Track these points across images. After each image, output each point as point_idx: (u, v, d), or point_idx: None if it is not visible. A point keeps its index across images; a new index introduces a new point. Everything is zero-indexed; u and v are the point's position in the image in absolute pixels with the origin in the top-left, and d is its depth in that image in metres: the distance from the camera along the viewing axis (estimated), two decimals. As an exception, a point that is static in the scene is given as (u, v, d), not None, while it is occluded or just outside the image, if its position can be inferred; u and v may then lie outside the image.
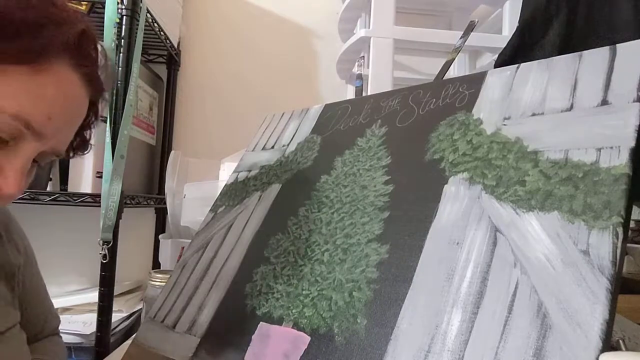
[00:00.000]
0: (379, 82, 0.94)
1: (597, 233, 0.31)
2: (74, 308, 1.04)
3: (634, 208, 0.34)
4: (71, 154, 0.48)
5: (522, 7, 0.68)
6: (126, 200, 0.96)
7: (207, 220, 0.63)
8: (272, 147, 0.65)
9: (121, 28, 0.94)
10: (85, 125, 0.46)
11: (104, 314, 0.89)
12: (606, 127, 0.35)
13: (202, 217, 0.64)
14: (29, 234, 0.58)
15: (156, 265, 1.28)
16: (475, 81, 0.47)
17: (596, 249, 0.31)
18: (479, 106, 0.45)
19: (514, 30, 0.67)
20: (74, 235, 1.23)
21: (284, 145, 0.63)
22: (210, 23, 1.41)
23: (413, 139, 0.48)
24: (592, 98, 0.37)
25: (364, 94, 1.10)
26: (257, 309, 0.47)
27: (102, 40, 0.93)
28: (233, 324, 0.47)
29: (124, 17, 0.94)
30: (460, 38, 0.62)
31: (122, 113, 0.93)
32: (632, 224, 0.72)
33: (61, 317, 0.65)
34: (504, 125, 0.42)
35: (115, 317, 0.97)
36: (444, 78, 0.57)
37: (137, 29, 0.96)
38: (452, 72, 1.24)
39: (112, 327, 0.94)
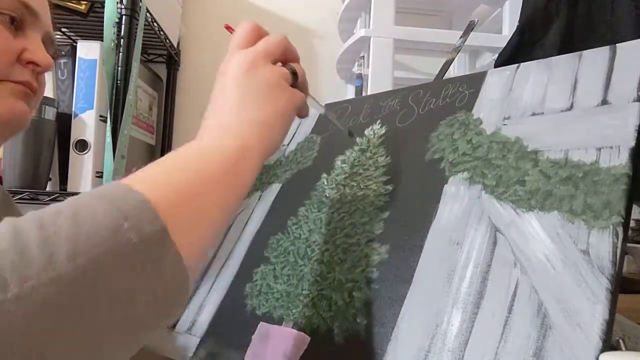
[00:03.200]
0: (379, 81, 0.94)
1: (597, 233, 0.31)
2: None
3: (634, 207, 0.34)
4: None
5: (522, 7, 0.68)
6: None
7: (207, 220, 0.63)
8: (272, 147, 0.65)
9: (121, 28, 0.94)
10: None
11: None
12: (606, 127, 0.35)
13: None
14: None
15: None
16: (475, 81, 0.47)
17: (596, 249, 0.31)
18: (479, 106, 0.45)
19: (514, 29, 0.67)
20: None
21: (283, 145, 0.63)
22: (210, 23, 1.41)
23: (413, 138, 0.48)
24: (592, 98, 0.37)
25: (363, 94, 1.10)
26: (257, 309, 0.47)
27: (102, 40, 0.93)
28: (233, 323, 0.47)
29: (124, 17, 0.94)
30: (460, 38, 0.62)
31: (122, 113, 0.93)
32: (632, 224, 0.72)
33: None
34: (504, 125, 0.42)
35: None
36: (444, 78, 0.57)
37: (136, 28, 0.96)
38: (452, 72, 1.24)
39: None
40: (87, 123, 0.95)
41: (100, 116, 0.96)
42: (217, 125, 0.36)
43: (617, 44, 0.38)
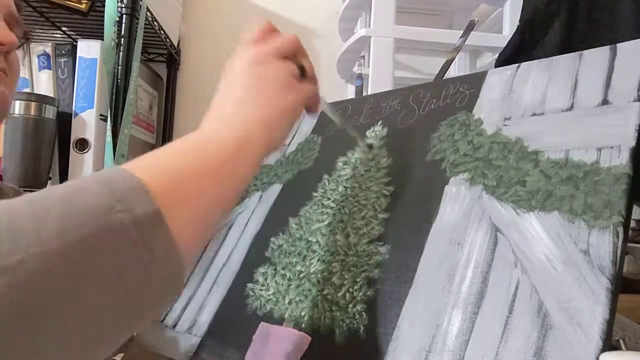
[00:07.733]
0: (379, 81, 0.94)
1: (598, 233, 0.31)
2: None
3: (635, 207, 0.34)
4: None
5: (522, 7, 0.68)
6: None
7: (208, 220, 0.63)
8: (273, 146, 0.65)
9: (121, 27, 0.94)
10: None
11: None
12: (607, 127, 0.35)
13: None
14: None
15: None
16: (476, 81, 0.47)
17: (596, 249, 0.31)
18: (479, 106, 0.45)
19: (515, 29, 0.67)
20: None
21: (284, 145, 0.63)
22: (210, 22, 1.41)
23: (414, 139, 0.48)
24: (592, 98, 0.37)
25: (364, 94, 1.10)
26: (257, 309, 0.47)
27: (103, 39, 0.93)
28: (233, 324, 0.48)
29: (124, 16, 0.94)
30: (461, 37, 0.62)
31: (122, 112, 0.93)
32: (632, 224, 0.72)
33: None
34: (505, 125, 0.42)
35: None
36: (444, 77, 0.57)
37: (137, 27, 0.96)
38: (453, 72, 1.24)
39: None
40: (87, 122, 0.95)
41: (101, 115, 0.96)
42: (218, 118, 0.36)
43: (617, 44, 0.39)
